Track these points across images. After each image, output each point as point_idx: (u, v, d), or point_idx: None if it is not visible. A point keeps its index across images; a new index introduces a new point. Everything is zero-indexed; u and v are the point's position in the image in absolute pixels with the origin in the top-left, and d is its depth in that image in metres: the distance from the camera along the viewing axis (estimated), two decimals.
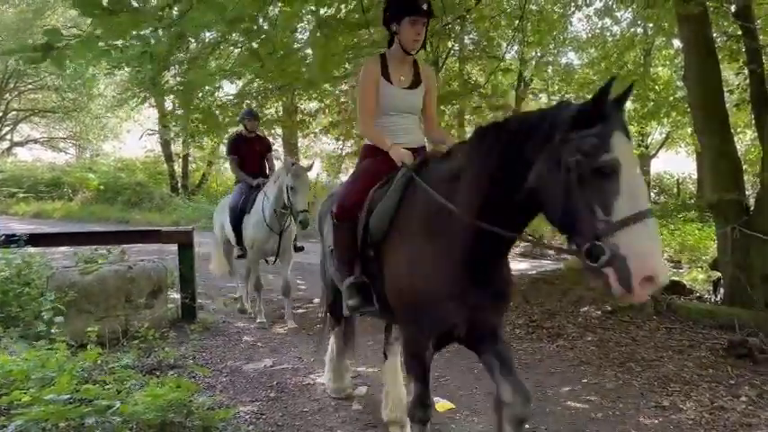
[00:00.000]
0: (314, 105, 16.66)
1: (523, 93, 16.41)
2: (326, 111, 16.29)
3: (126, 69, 10.65)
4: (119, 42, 4.24)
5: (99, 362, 4.08)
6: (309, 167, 6.55)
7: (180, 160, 24.39)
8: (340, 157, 19.30)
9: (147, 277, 5.75)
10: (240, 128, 7.34)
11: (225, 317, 6.83)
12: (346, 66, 9.08)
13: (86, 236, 7.45)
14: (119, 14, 3.67)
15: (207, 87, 10.73)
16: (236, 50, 9.87)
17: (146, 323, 5.31)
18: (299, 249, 7.06)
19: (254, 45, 6.26)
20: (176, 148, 23.85)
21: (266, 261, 6.90)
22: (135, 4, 3.97)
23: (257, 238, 6.50)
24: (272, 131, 18.49)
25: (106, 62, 6.64)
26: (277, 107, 16.84)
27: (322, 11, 6.93)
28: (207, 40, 8.94)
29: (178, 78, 10.51)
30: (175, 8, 4.29)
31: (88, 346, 4.17)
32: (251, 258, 6.72)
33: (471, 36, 11.79)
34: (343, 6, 7.63)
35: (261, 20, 5.61)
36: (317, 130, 17.56)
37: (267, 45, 5.77)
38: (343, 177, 18.06)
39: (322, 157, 22.92)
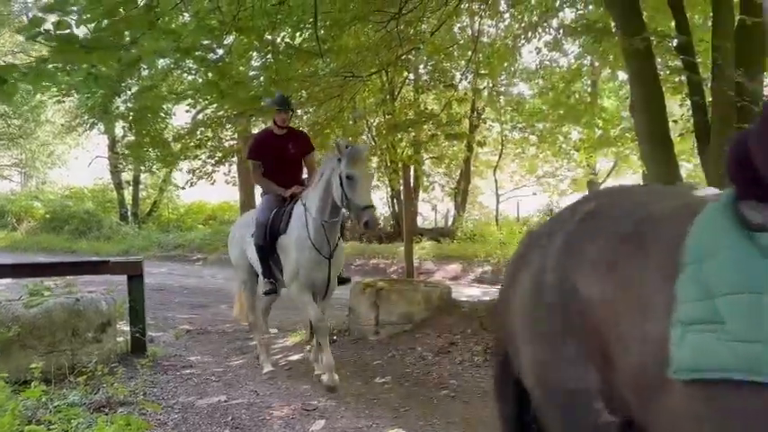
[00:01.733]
0: None
1: (477, 121, 16.69)
2: None
3: (75, 96, 10.45)
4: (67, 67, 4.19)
5: (44, 400, 3.92)
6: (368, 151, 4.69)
7: (130, 187, 23.88)
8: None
9: (95, 310, 5.55)
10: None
11: (176, 350, 6.64)
12: (302, 93, 9.10)
13: (31, 267, 7.18)
14: (94, 52, 3.63)
15: (159, 113, 10.62)
16: (189, 77, 9.81)
17: (94, 358, 5.14)
18: (344, 281, 5.55)
19: (209, 74, 6.21)
20: (126, 175, 23.36)
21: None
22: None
23: (303, 264, 4.97)
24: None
25: (56, 89, 6.49)
26: (233, 134, 16.72)
27: (273, 37, 6.96)
28: (159, 66, 8.87)
29: (129, 104, 10.36)
30: (126, 34, 4.24)
31: (32, 384, 3.99)
32: (298, 293, 5.12)
33: (426, 67, 12.01)
34: (297, 34, 7.69)
35: (216, 47, 5.59)
36: None
37: (222, 74, 5.74)
38: None
39: None
